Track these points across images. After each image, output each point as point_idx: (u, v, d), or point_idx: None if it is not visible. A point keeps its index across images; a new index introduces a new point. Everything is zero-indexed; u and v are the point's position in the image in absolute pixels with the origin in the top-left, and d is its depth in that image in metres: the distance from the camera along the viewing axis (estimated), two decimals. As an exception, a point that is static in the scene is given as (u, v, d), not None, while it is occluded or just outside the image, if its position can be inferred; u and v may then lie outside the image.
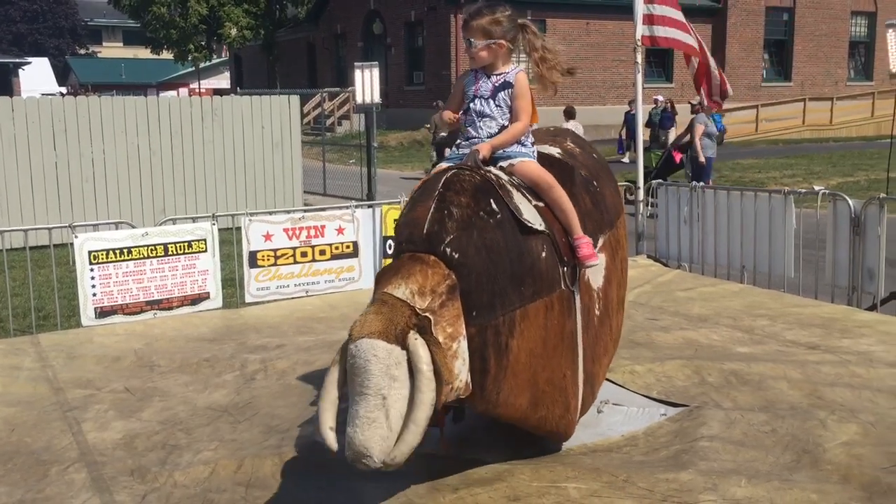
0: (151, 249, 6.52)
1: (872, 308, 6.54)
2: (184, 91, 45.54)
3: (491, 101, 3.79)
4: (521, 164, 3.78)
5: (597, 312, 4.05)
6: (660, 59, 31.28)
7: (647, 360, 5.03)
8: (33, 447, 4.11)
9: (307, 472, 3.74)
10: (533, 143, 3.93)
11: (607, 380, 4.72)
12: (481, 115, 3.80)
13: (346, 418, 2.92)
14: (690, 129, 14.40)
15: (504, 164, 3.77)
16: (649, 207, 8.59)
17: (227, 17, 35.19)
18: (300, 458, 3.85)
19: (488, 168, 3.64)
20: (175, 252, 6.60)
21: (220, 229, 6.81)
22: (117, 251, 6.39)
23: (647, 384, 4.71)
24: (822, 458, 3.69)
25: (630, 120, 20.90)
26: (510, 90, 3.77)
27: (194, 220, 6.93)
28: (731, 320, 6.11)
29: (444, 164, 3.75)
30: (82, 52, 59.34)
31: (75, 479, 3.74)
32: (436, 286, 3.09)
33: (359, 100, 11.93)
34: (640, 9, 8.20)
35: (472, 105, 3.83)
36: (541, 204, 3.69)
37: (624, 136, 22.69)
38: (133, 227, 6.82)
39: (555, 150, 4.26)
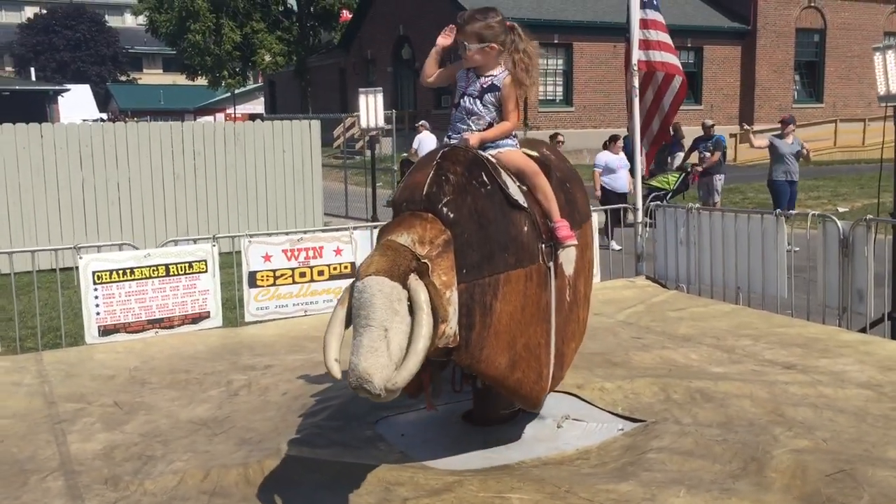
0: (153, 270, 6.78)
1: (863, 330, 6.55)
2: (220, 116, 46.44)
3: (478, 101, 4.11)
4: (508, 152, 4.13)
5: (567, 298, 4.34)
6: (689, 81, 31.20)
7: (618, 377, 5.13)
8: (18, 457, 4.34)
9: (269, 483, 3.90)
10: (515, 136, 4.25)
11: (573, 395, 4.84)
12: (470, 112, 4.12)
13: (351, 348, 3.17)
14: (717, 149, 14.41)
15: (492, 152, 4.08)
16: (648, 229, 8.67)
17: (261, 44, 35.98)
18: (264, 468, 4.01)
19: (478, 151, 3.97)
20: (176, 272, 6.85)
21: (226, 251, 7.04)
22: (120, 272, 6.66)
23: (613, 400, 4.81)
24: (767, 465, 3.77)
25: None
26: (497, 93, 4.09)
27: (195, 241, 7.17)
28: (714, 340, 6.18)
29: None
30: (123, 78, 60.85)
31: (52, 487, 3.95)
32: (434, 238, 3.44)
33: (363, 124, 12.19)
34: (637, 34, 8.34)
35: (461, 101, 4.16)
36: (524, 188, 4.04)
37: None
38: (136, 248, 7.08)
39: (533, 153, 4.49)
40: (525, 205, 3.92)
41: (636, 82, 8.45)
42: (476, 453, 4.15)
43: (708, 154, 14.52)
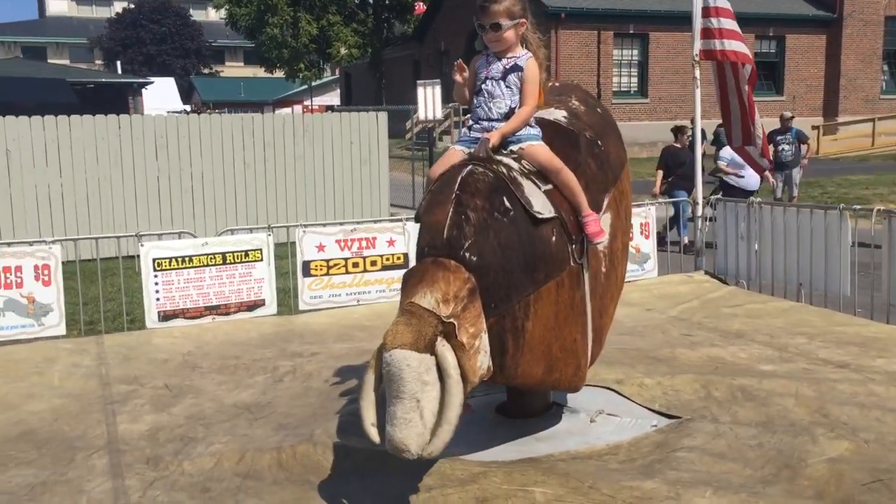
0: (210, 258, 6.98)
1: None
2: (297, 108, 47.23)
3: (501, 83, 3.92)
4: (530, 147, 3.91)
5: (603, 270, 4.25)
6: (770, 71, 30.34)
7: (659, 374, 5.05)
8: (69, 435, 4.54)
9: (300, 467, 3.99)
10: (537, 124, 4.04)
11: (611, 389, 4.80)
12: (491, 95, 3.94)
13: (386, 416, 3.24)
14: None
15: (514, 147, 3.91)
16: (708, 222, 8.49)
17: (337, 37, 36.42)
18: (297, 453, 4.10)
19: (499, 158, 3.80)
20: (233, 261, 7.04)
21: (283, 242, 7.19)
22: (179, 259, 6.87)
23: (652, 397, 4.74)
24: (801, 474, 3.67)
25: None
26: (520, 73, 3.90)
27: (251, 230, 7.34)
28: (767, 337, 6.03)
29: (456, 147, 3.96)
30: (206, 71, 62.47)
31: (96, 464, 4.13)
32: (458, 291, 3.36)
33: (421, 116, 12.23)
34: (698, 23, 8.15)
35: (483, 86, 3.97)
36: (549, 187, 3.86)
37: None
38: (194, 236, 7.29)
39: (560, 115, 4.32)
40: (552, 213, 3.74)
41: (697, 73, 8.28)
42: (506, 445, 4.15)
43: (786, 147, 14.06)
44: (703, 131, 10.17)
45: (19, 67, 31.71)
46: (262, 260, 7.12)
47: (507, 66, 3.92)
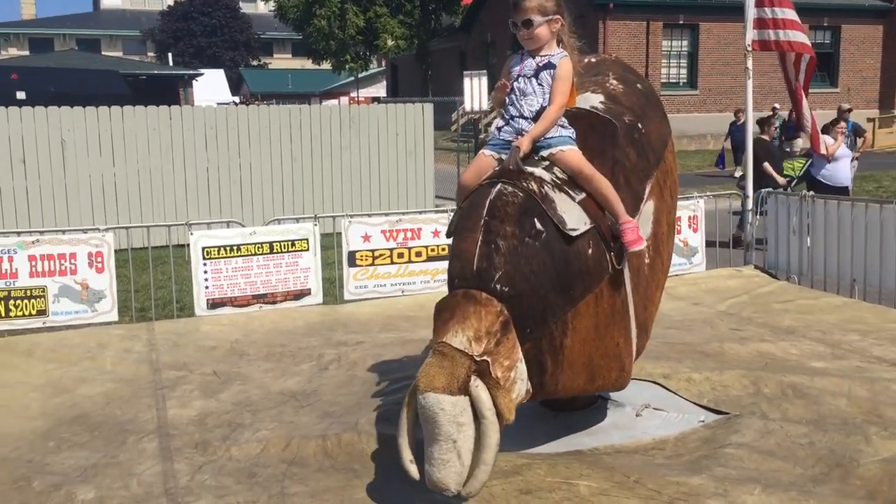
0: (258, 247, 7.05)
1: None
2: (344, 100, 47.45)
3: (533, 80, 3.82)
4: (561, 153, 3.76)
5: (647, 261, 4.10)
6: (824, 62, 29.64)
7: (707, 369, 4.98)
8: (121, 419, 4.64)
9: (344, 455, 4.02)
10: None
11: (658, 384, 4.75)
12: (523, 93, 3.83)
13: (424, 454, 3.27)
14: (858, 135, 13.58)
15: (545, 153, 3.78)
16: (758, 217, 8.33)
17: (384, 28, 36.52)
18: (342, 441, 4.13)
19: (530, 170, 3.67)
20: (280, 250, 7.10)
21: (328, 232, 7.23)
22: (227, 248, 6.96)
23: (699, 392, 4.68)
24: (853, 473, 3.59)
25: (735, 131, 19.41)
26: (552, 70, 3.80)
27: (297, 220, 7.41)
28: (819, 334, 5.90)
29: (486, 153, 3.88)
30: (255, 63, 63.12)
31: (147, 448, 4.21)
32: (490, 326, 3.30)
33: (467, 107, 12.20)
34: (751, 13, 8.00)
35: (515, 83, 3.87)
36: (584, 195, 3.72)
37: (728, 148, 20.35)
38: (242, 226, 7.38)
39: (597, 100, 4.20)
40: (587, 225, 3.60)
41: (749, 63, 8.12)
42: (551, 437, 4.14)
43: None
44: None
45: (74, 59, 32.41)
46: (308, 250, 7.17)
47: (541, 64, 3.82)
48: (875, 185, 17.43)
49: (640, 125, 4.23)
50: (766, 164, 10.99)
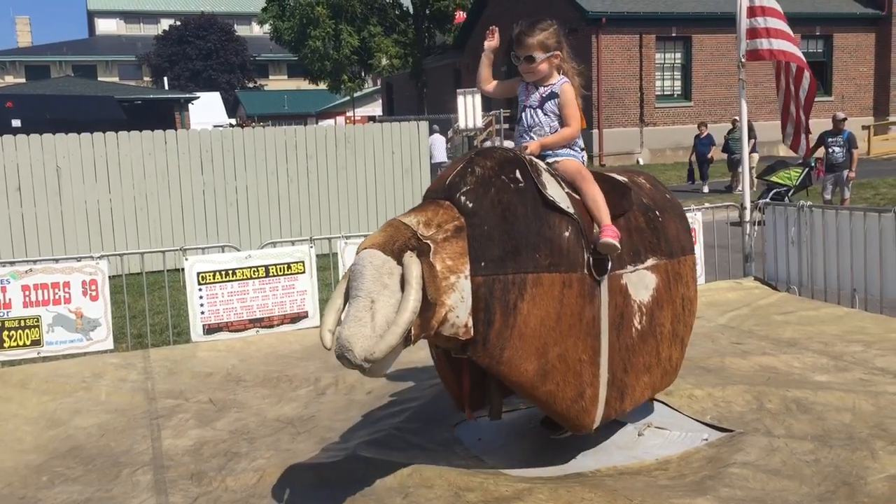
0: (254, 271, 7.00)
1: None
2: (340, 119, 47.62)
3: (539, 111, 4.05)
4: (564, 161, 4.00)
5: (636, 324, 4.03)
6: (818, 71, 29.69)
7: (709, 384, 4.91)
8: (115, 450, 4.56)
9: (341, 483, 3.95)
10: (582, 149, 4.13)
11: (659, 401, 4.67)
12: (531, 125, 4.06)
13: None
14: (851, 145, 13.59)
15: (550, 160, 4.00)
16: (756, 226, 8.28)
17: (378, 48, 36.60)
18: (340, 469, 4.06)
19: (530, 157, 3.86)
20: (276, 273, 7.05)
21: (325, 253, 7.18)
22: (223, 272, 6.91)
23: (702, 409, 4.61)
24: (860, 491, 3.52)
25: (699, 145, 19.46)
26: (556, 100, 4.01)
27: (293, 243, 7.36)
28: (821, 346, 5.84)
29: None
30: (251, 85, 63.28)
31: (140, 480, 4.13)
32: (443, 222, 3.43)
33: (461, 125, 12.17)
34: (744, 23, 7.98)
35: (522, 115, 4.10)
36: (575, 196, 3.85)
37: (694, 161, 20.03)
38: (238, 250, 7.33)
39: (621, 178, 4.34)
40: (569, 209, 3.71)
41: (742, 75, 8.10)
42: (552, 459, 4.06)
43: (837, 149, 13.70)
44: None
45: (70, 85, 32.48)
46: (304, 272, 7.12)
47: (544, 95, 4.04)
48: (872, 193, 17.40)
49: (657, 212, 4.30)
50: None
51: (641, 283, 4.07)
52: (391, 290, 3.17)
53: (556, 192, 3.73)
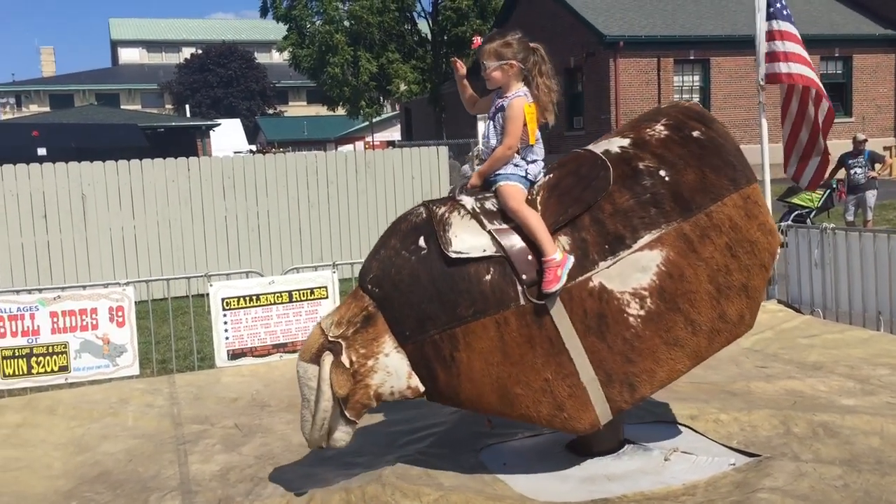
0: (277, 296, 7.06)
1: None
2: (360, 144, 47.95)
3: (490, 122, 4.14)
4: (500, 188, 4.01)
5: (634, 313, 3.85)
6: (837, 92, 29.61)
7: (735, 409, 4.88)
8: (143, 476, 4.60)
9: (369, 508, 3.96)
10: (532, 162, 4.07)
11: (685, 426, 4.66)
12: (484, 136, 4.18)
13: None
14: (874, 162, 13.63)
15: (494, 186, 4.05)
16: (779, 248, 8.23)
17: (396, 74, 36.91)
18: (365, 494, 4.06)
19: (461, 198, 4.04)
20: (299, 298, 7.10)
21: (347, 278, 7.22)
22: (246, 298, 6.97)
23: (728, 433, 4.58)
24: (891, 517, 3.49)
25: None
26: (503, 113, 4.03)
27: (315, 268, 7.41)
28: (847, 369, 5.80)
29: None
30: (271, 111, 63.97)
31: (169, 505, 4.16)
32: (353, 317, 3.96)
33: (481, 149, 12.19)
34: (762, 47, 8.01)
35: (486, 123, 4.21)
36: (505, 226, 3.91)
37: None
38: (261, 275, 7.39)
39: (618, 144, 4.08)
40: (485, 252, 3.81)
41: (762, 97, 8.12)
42: (577, 485, 4.06)
43: (859, 170, 13.67)
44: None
45: (94, 114, 32.97)
46: (327, 297, 7.17)
47: (497, 107, 4.10)
48: (895, 214, 17.27)
49: (662, 172, 3.97)
50: None
51: (632, 269, 3.84)
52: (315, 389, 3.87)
53: (468, 242, 3.85)
